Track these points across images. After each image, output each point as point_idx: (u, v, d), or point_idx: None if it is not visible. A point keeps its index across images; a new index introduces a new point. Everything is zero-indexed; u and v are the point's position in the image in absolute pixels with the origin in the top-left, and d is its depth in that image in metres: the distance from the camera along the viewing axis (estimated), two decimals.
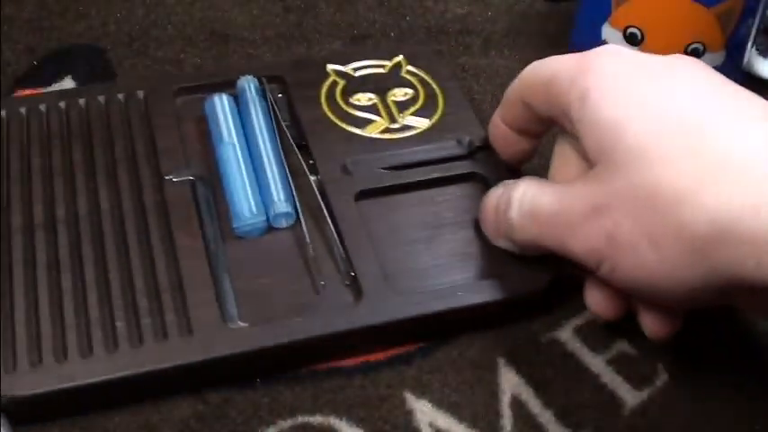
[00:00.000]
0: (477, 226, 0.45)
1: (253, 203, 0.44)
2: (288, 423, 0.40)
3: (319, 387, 0.41)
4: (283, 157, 0.47)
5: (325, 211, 0.45)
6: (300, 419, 0.40)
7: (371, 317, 0.41)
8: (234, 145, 0.47)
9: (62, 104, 0.49)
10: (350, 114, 0.50)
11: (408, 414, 0.40)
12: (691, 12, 0.49)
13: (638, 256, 0.35)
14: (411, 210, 0.46)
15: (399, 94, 0.51)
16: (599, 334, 0.43)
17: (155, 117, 0.48)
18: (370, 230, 0.44)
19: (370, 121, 0.49)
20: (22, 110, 0.49)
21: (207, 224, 0.44)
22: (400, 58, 0.53)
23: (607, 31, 0.52)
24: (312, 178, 0.46)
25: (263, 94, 0.50)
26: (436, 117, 0.50)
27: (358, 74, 0.52)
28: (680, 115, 0.36)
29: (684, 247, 0.34)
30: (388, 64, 0.53)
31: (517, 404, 0.41)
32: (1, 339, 0.39)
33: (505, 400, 0.41)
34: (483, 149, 0.48)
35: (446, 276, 0.43)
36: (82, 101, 0.49)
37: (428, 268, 0.43)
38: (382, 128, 0.49)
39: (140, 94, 0.50)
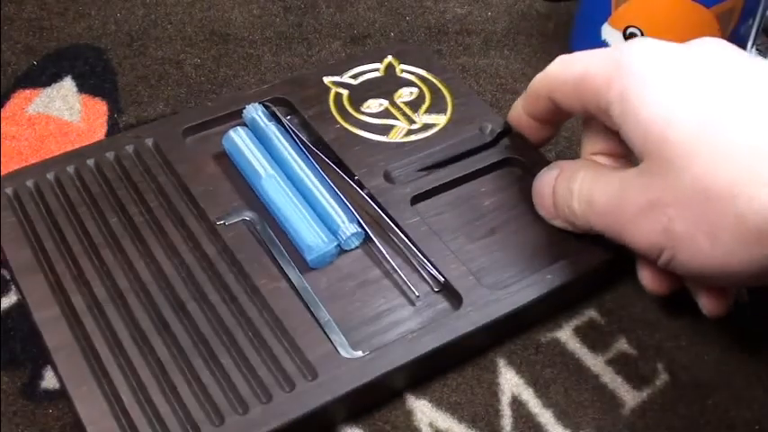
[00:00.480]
0: (528, 209, 0.45)
1: (320, 232, 0.43)
2: None
3: None
4: (327, 178, 0.46)
5: (390, 222, 0.44)
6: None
7: (480, 317, 0.40)
8: (275, 177, 0.45)
9: (70, 169, 0.45)
10: (368, 123, 0.49)
11: (408, 414, 0.40)
12: (691, 12, 0.49)
13: (696, 248, 0.36)
14: (462, 206, 0.46)
15: (405, 94, 0.51)
16: (599, 334, 0.44)
17: (175, 163, 0.46)
18: (437, 233, 0.44)
19: (390, 127, 0.49)
20: (29, 183, 0.45)
21: (281, 261, 0.42)
22: (390, 58, 0.53)
23: (607, 31, 0.52)
24: (362, 192, 0.45)
25: (273, 118, 0.48)
26: (450, 111, 0.50)
27: (357, 81, 0.51)
28: (723, 105, 0.36)
29: (741, 238, 0.35)
30: (381, 66, 0.52)
31: (517, 404, 0.41)
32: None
33: (505, 400, 0.41)
34: (506, 134, 0.48)
35: (524, 263, 0.43)
36: (91, 161, 0.46)
37: (504, 259, 0.44)
38: (405, 131, 0.49)
39: (149, 142, 0.47)
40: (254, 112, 0.48)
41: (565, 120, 0.46)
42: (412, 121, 0.49)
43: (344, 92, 0.51)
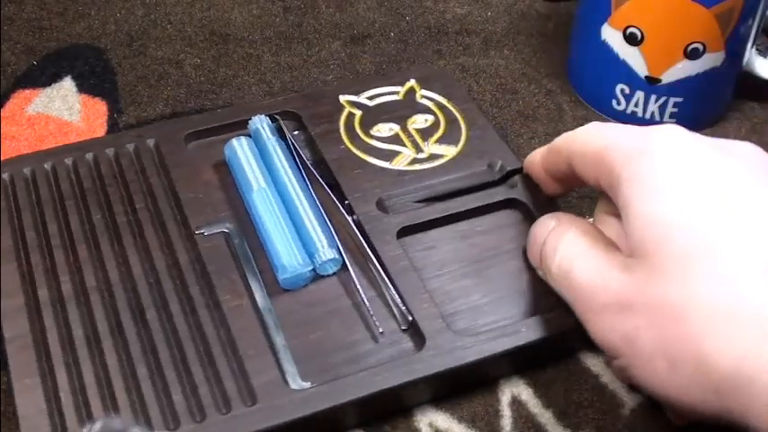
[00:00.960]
0: (521, 256, 0.44)
1: (297, 253, 0.42)
2: None
3: None
4: (317, 199, 0.45)
5: (370, 252, 0.43)
6: None
7: (439, 363, 0.39)
8: (265, 191, 0.44)
9: (68, 161, 0.46)
10: (374, 147, 0.48)
11: (408, 414, 0.40)
12: (691, 12, 0.49)
13: (652, 368, 0.34)
14: (454, 243, 0.44)
15: (419, 120, 0.49)
16: None
17: (171, 167, 0.46)
18: (417, 269, 0.42)
19: (396, 153, 0.48)
20: (26, 170, 0.45)
21: (250, 279, 0.42)
22: (412, 82, 0.51)
23: (607, 31, 0.52)
24: (351, 218, 0.44)
25: (278, 132, 0.48)
26: (462, 143, 0.48)
27: (373, 103, 0.50)
28: (731, 231, 0.33)
29: (700, 378, 0.32)
30: (402, 90, 0.51)
31: (517, 404, 0.40)
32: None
33: (505, 401, 0.41)
34: (516, 173, 0.46)
35: (503, 312, 0.42)
36: (89, 155, 0.46)
37: (483, 305, 0.42)
38: (410, 159, 0.47)
39: (150, 142, 0.47)
40: (259, 123, 0.48)
41: (577, 185, 0.44)
42: (419, 150, 0.48)
43: (358, 113, 0.50)
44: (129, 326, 0.40)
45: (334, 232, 0.43)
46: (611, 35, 0.52)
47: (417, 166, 0.47)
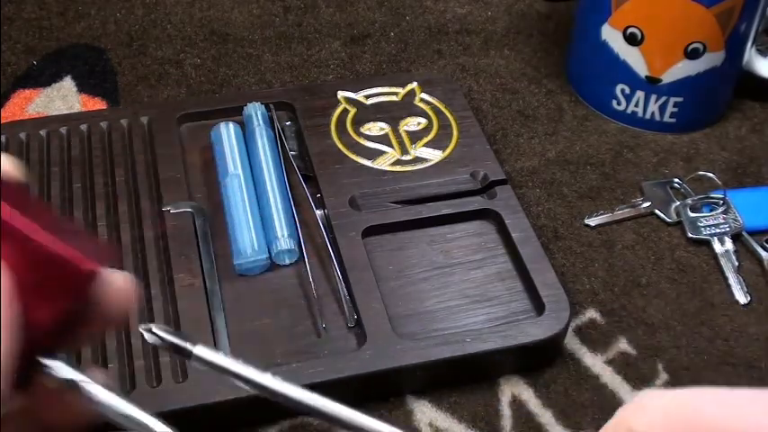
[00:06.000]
0: (487, 267, 0.43)
1: (255, 240, 0.42)
2: (287, 423, 0.39)
3: None
4: (289, 191, 0.45)
5: (330, 248, 0.43)
6: (300, 419, 0.39)
7: (374, 363, 0.39)
8: (239, 176, 0.45)
9: (63, 130, 0.47)
10: (360, 145, 0.48)
11: (408, 414, 0.40)
12: (691, 11, 0.48)
13: None
14: (420, 247, 0.44)
15: (412, 123, 0.49)
16: (599, 334, 0.43)
17: (158, 145, 0.47)
18: (376, 269, 0.42)
19: (380, 153, 0.48)
20: (22, 135, 0.47)
21: (204, 260, 0.42)
22: (414, 85, 0.51)
23: (607, 31, 0.51)
24: (318, 212, 0.44)
25: (271, 121, 0.48)
26: (449, 149, 0.48)
27: (370, 102, 0.50)
28: None
29: None
30: (401, 92, 0.51)
31: (517, 404, 0.40)
32: None
33: (505, 400, 0.40)
34: (497, 184, 0.46)
35: (455, 321, 0.41)
36: (84, 126, 0.48)
37: (436, 311, 0.42)
38: (393, 159, 0.47)
39: (144, 120, 0.48)
40: (253, 110, 0.48)
41: None
42: (405, 152, 0.48)
43: (353, 110, 0.50)
44: None
45: (297, 224, 0.44)
46: (611, 35, 0.51)
47: (399, 168, 0.47)
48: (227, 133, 0.47)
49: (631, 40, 0.50)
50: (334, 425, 0.28)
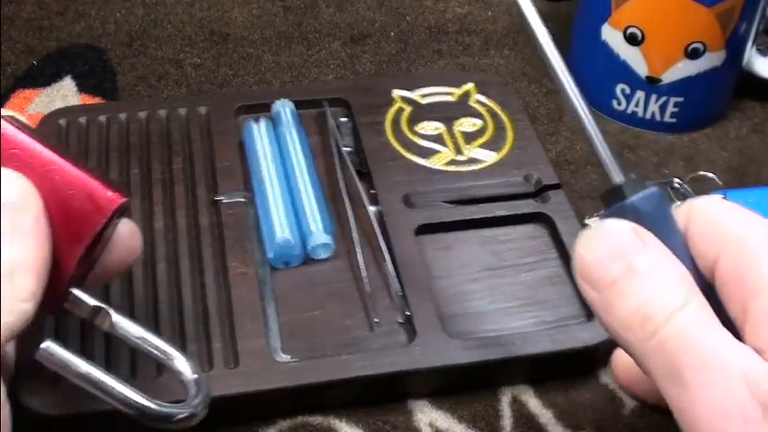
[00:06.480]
0: (537, 270, 0.43)
1: (287, 232, 0.43)
2: (287, 423, 0.39)
3: None
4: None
5: (383, 244, 0.43)
6: (300, 419, 0.39)
7: (423, 361, 0.39)
8: (269, 173, 0.45)
9: (122, 116, 0.48)
10: (415, 143, 0.48)
11: (408, 414, 0.40)
12: (691, 11, 0.49)
13: None
14: (472, 248, 0.44)
15: (467, 124, 0.49)
16: None
17: (215, 135, 0.47)
18: (427, 267, 0.43)
19: (435, 152, 0.48)
20: (82, 120, 0.48)
21: (257, 250, 0.43)
22: (470, 86, 0.51)
23: (607, 31, 0.52)
24: (372, 209, 0.45)
25: (297, 118, 0.49)
26: (504, 151, 0.48)
27: (425, 101, 0.51)
28: None
29: None
30: (457, 92, 0.51)
31: (517, 404, 0.40)
32: None
33: (505, 400, 0.40)
34: (550, 188, 0.46)
35: (504, 323, 0.41)
36: (142, 114, 0.48)
37: (486, 312, 0.42)
38: (447, 159, 0.47)
39: (202, 110, 0.49)
40: (282, 107, 0.48)
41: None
42: (460, 152, 0.48)
43: (408, 108, 0.50)
44: (137, 276, 0.41)
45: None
46: (611, 35, 0.52)
47: (453, 168, 0.47)
48: (258, 131, 0.47)
49: (631, 40, 0.51)
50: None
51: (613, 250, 0.28)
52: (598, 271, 0.28)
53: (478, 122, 0.50)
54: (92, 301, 0.31)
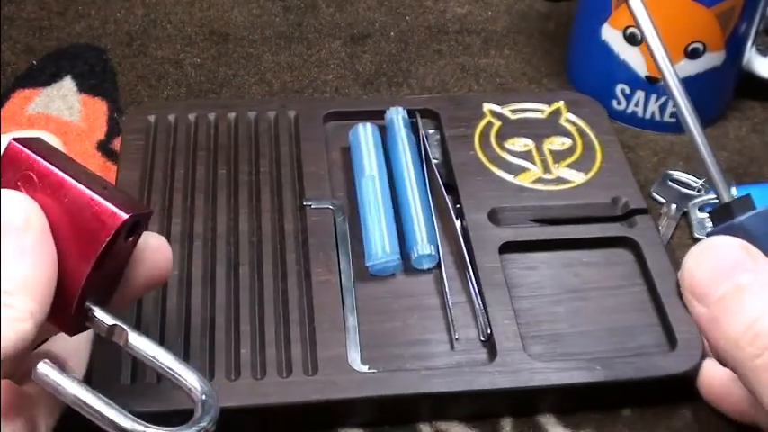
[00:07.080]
0: (621, 296, 0.42)
1: (387, 242, 0.43)
2: None
3: None
4: (430, 197, 0.45)
5: (467, 260, 0.43)
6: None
7: (502, 381, 0.38)
8: (374, 178, 0.45)
9: (211, 116, 0.48)
10: (503, 159, 0.48)
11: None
12: (691, 11, 0.48)
13: None
14: (555, 269, 0.44)
15: (557, 142, 0.49)
16: None
17: (303, 140, 0.47)
18: (510, 286, 0.42)
19: (523, 169, 0.47)
20: (171, 117, 0.48)
21: (342, 258, 0.43)
22: (560, 104, 0.51)
23: (607, 31, 0.51)
24: (457, 223, 0.44)
25: (411, 127, 0.48)
26: (592, 172, 0.47)
27: (515, 116, 0.50)
28: None
29: None
30: (547, 109, 0.51)
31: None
32: None
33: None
34: (638, 213, 0.45)
35: (583, 347, 0.41)
36: (231, 114, 0.49)
37: (566, 335, 0.41)
38: (535, 177, 0.47)
39: (291, 114, 0.49)
40: (395, 115, 0.48)
41: None
42: (548, 170, 0.47)
43: (497, 123, 0.50)
44: (220, 276, 0.41)
45: (437, 230, 0.44)
46: (611, 35, 0.51)
47: (540, 186, 0.47)
48: (365, 134, 0.47)
49: (631, 40, 0.50)
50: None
51: (723, 266, 0.29)
52: (707, 286, 0.29)
53: (567, 141, 0.49)
54: (108, 320, 0.31)
